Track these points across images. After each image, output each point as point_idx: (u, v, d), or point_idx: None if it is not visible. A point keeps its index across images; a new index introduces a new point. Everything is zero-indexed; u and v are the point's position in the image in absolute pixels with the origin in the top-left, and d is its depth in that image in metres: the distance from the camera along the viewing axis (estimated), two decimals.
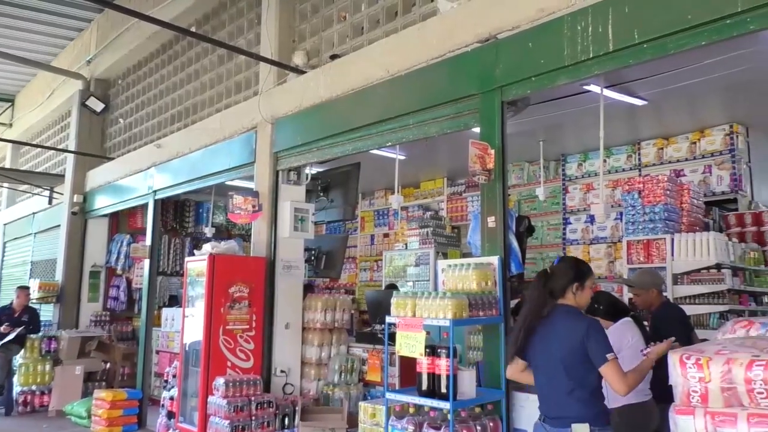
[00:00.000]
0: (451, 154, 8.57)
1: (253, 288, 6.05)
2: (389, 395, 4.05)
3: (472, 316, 3.86)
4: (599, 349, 2.89)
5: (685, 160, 7.82)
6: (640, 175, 7.92)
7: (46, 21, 10.57)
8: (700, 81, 5.67)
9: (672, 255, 6.43)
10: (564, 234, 8.94)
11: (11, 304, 8.94)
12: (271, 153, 6.45)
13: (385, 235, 11.46)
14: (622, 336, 3.84)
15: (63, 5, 10.03)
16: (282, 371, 6.09)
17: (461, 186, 10.26)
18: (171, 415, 6.44)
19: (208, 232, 9.36)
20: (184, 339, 6.30)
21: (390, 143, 5.43)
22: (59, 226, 10.75)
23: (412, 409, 3.91)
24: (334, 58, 6.04)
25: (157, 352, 8.69)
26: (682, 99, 6.54)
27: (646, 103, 6.48)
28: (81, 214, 10.38)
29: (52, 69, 11.38)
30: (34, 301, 9.70)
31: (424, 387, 3.73)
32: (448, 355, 3.61)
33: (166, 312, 8.78)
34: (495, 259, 4.16)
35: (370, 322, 6.95)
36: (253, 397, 5.52)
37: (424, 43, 4.94)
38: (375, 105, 5.32)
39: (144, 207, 9.24)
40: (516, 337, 3.15)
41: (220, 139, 7.27)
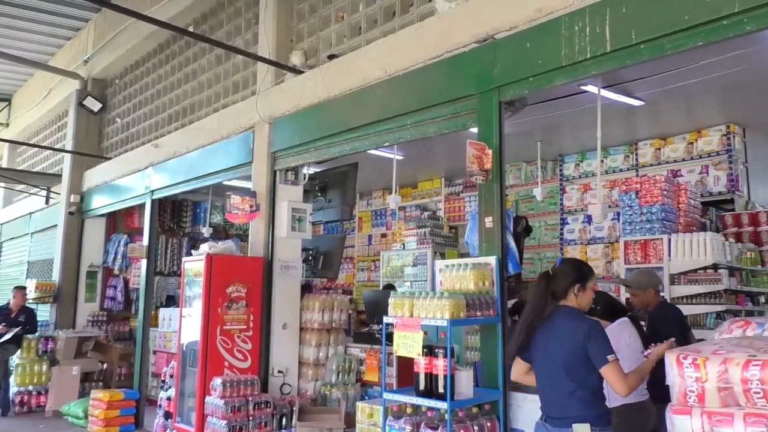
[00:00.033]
0: (449, 155, 8.58)
1: (250, 288, 6.04)
2: (387, 395, 4.05)
3: (470, 316, 3.87)
4: (600, 350, 2.91)
5: (682, 160, 7.85)
6: (637, 175, 7.94)
7: (44, 20, 10.54)
8: (697, 81, 5.69)
9: (669, 255, 6.44)
10: (561, 234, 8.95)
11: (8, 304, 8.90)
12: (269, 153, 6.45)
13: (383, 235, 11.47)
14: (619, 336, 3.84)
15: (60, 5, 10.01)
16: (279, 371, 6.08)
17: (459, 186, 10.27)
18: (168, 415, 6.44)
19: (206, 232, 9.34)
20: (181, 339, 6.29)
21: (388, 143, 5.43)
22: (56, 226, 10.72)
23: (409, 409, 3.91)
24: (331, 58, 6.03)
25: (155, 353, 8.68)
26: (680, 99, 6.56)
27: (643, 103, 6.50)
28: (78, 214, 10.36)
29: (49, 68, 11.35)
30: (31, 301, 9.68)
31: (422, 387, 3.74)
32: (446, 355, 3.61)
33: (164, 312, 8.78)
34: (492, 259, 4.16)
35: (368, 322, 6.95)
36: (250, 398, 5.52)
37: (421, 43, 4.94)
38: (373, 105, 5.32)
39: (141, 207, 9.22)
40: (517, 337, 3.17)
41: (217, 138, 7.26)
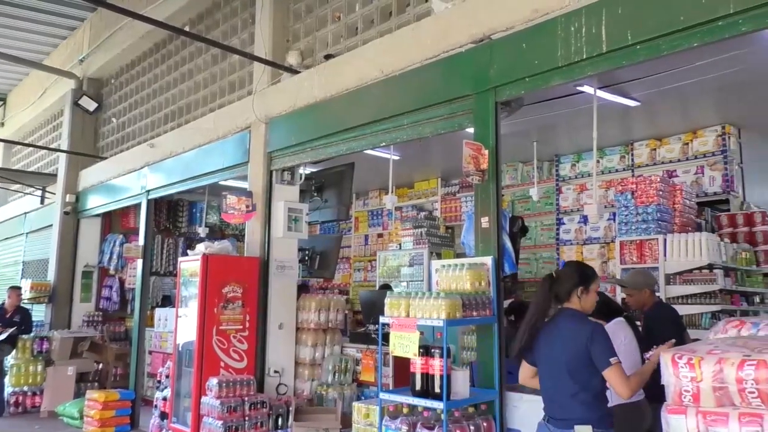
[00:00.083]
0: (445, 155, 8.58)
1: (246, 288, 6.03)
2: (383, 395, 4.05)
3: (466, 316, 3.87)
4: (603, 353, 2.93)
5: (678, 160, 7.87)
6: (633, 175, 7.96)
7: (39, 20, 10.50)
8: (692, 82, 5.71)
9: (664, 255, 6.46)
10: (557, 234, 8.96)
11: (3, 304, 8.87)
12: (265, 153, 6.44)
13: (379, 235, 11.47)
14: (614, 336, 3.82)
15: (56, 4, 9.98)
16: (275, 371, 6.07)
17: (455, 186, 10.27)
18: (164, 415, 6.43)
19: (202, 232, 9.34)
20: (177, 339, 6.28)
21: (384, 143, 5.43)
22: (51, 225, 10.69)
23: (405, 410, 3.91)
24: (328, 58, 6.03)
25: (150, 353, 8.67)
26: (675, 100, 6.58)
27: (639, 104, 6.51)
28: (73, 214, 10.34)
29: (44, 68, 11.31)
30: (26, 301, 9.63)
31: (418, 387, 3.74)
32: (442, 355, 3.62)
33: (159, 312, 8.76)
34: (488, 260, 4.16)
35: (364, 322, 6.95)
36: (246, 398, 5.51)
37: (418, 43, 4.94)
38: (369, 105, 5.32)
39: (137, 207, 9.21)
40: (521, 338, 3.19)
41: (213, 138, 7.24)
